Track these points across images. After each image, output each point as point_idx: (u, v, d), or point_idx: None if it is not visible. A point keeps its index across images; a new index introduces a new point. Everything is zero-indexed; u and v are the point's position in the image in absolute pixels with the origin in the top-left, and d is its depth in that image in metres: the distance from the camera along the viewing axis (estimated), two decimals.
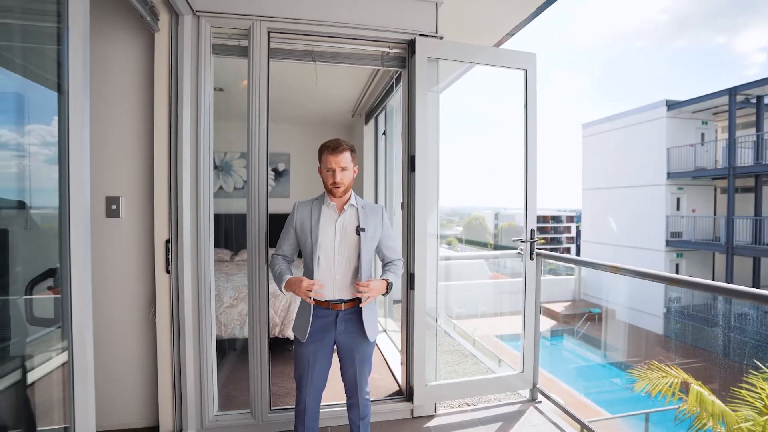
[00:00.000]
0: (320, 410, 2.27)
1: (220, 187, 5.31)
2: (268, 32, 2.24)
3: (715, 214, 13.18)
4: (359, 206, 1.81)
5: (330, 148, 1.72)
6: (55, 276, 1.18)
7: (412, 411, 2.47)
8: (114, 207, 2.15)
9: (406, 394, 2.50)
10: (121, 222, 2.16)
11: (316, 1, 2.26)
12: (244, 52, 2.26)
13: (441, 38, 2.42)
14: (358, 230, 1.75)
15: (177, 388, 2.15)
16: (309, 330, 1.72)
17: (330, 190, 1.74)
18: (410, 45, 2.39)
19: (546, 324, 14.32)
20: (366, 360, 1.84)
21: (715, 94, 12.15)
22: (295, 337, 1.81)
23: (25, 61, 1.36)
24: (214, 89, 3.26)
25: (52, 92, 1.20)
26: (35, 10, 1.25)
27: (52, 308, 1.26)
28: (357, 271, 1.76)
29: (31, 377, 1.48)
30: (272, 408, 2.31)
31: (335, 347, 1.82)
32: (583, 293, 15.19)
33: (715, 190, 13.49)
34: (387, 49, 2.49)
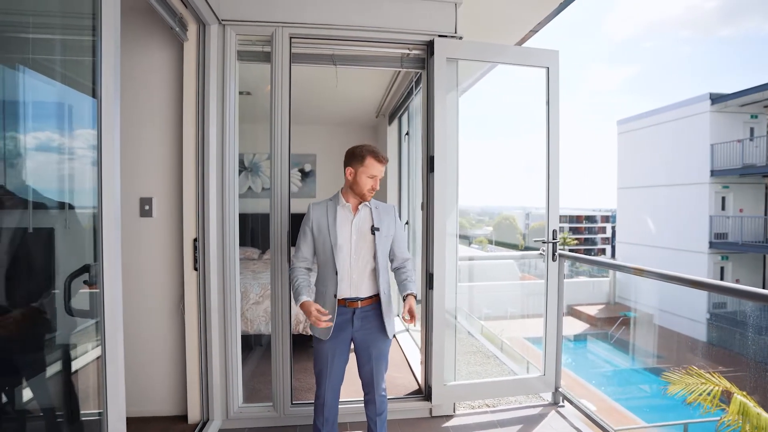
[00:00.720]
0: (339, 406, 2.33)
1: (249, 188, 5.49)
2: (290, 38, 2.31)
3: (766, 214, 12.34)
4: (372, 206, 1.85)
5: (378, 157, 1.77)
6: (89, 272, 1.28)
7: (430, 410, 2.48)
8: (147, 207, 2.28)
9: (424, 393, 2.52)
10: (154, 222, 2.29)
11: (336, 6, 2.31)
12: (267, 57, 2.34)
13: (460, 38, 2.41)
14: (373, 230, 1.79)
15: (204, 380, 2.26)
16: (332, 328, 1.77)
17: (364, 194, 1.78)
18: (429, 46, 2.40)
19: (578, 327, 13.90)
20: (382, 357, 1.88)
21: (767, 86, 11.36)
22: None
23: (68, 71, 1.48)
24: (242, 93, 3.38)
25: (93, 100, 1.30)
26: (75, 25, 1.35)
27: (87, 301, 1.36)
28: (375, 270, 1.80)
29: (74, 365, 1.61)
30: (294, 402, 2.38)
31: (352, 344, 1.86)
32: (618, 296, 14.61)
33: (766, 188, 12.62)
34: (407, 51, 2.51)
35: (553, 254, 2.53)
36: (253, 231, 4.49)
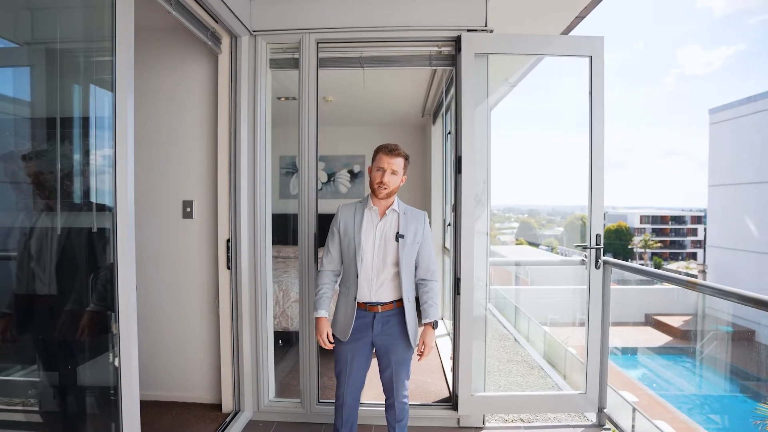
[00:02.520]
0: (365, 408, 2.33)
1: None
2: (317, 43, 2.35)
3: None
4: (401, 212, 1.81)
5: (387, 149, 1.76)
6: (111, 269, 1.40)
7: (458, 420, 2.39)
8: (188, 209, 2.47)
9: (452, 402, 2.43)
10: (194, 222, 2.47)
11: (361, 8, 2.31)
12: (297, 64, 2.40)
13: (491, 32, 2.29)
14: (398, 237, 1.76)
15: (235, 373, 2.39)
16: (351, 330, 1.77)
17: (374, 189, 1.77)
18: (457, 42, 2.31)
19: (659, 339, 12.57)
20: (402, 364, 1.83)
21: None
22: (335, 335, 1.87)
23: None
24: (288, 99, 3.53)
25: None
26: (98, 48, 1.49)
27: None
28: (398, 277, 1.77)
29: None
30: (320, 401, 2.43)
31: (374, 348, 1.84)
32: (708, 306, 12.93)
33: None
34: (436, 48, 2.44)
35: (596, 261, 2.30)
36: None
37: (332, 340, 1.79)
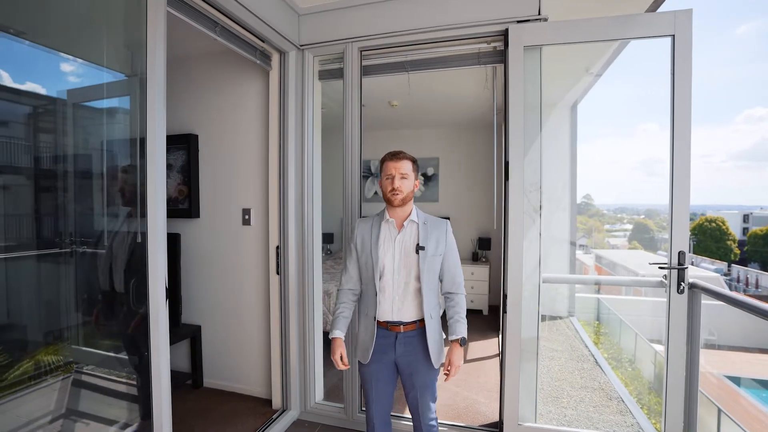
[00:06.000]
0: (403, 422, 2.26)
1: (375, 193, 5.84)
2: (360, 51, 2.35)
3: None
4: (420, 222, 1.70)
5: (390, 154, 1.71)
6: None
7: None
8: (247, 217, 2.66)
9: (499, 428, 2.23)
10: (252, 229, 2.66)
11: (400, 12, 2.25)
12: (341, 73, 2.43)
13: (545, 20, 2.04)
14: (418, 249, 1.66)
15: (283, 374, 2.51)
16: (371, 351, 1.70)
17: (388, 198, 1.69)
18: (505, 35, 2.11)
19: None
20: (426, 387, 1.72)
21: None
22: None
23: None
24: None
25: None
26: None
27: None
28: (419, 292, 1.67)
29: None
30: (362, 408, 2.43)
31: (398, 370, 1.76)
32: None
33: None
34: (486, 44, 2.27)
35: (679, 284, 1.90)
36: None
37: (346, 363, 1.72)
